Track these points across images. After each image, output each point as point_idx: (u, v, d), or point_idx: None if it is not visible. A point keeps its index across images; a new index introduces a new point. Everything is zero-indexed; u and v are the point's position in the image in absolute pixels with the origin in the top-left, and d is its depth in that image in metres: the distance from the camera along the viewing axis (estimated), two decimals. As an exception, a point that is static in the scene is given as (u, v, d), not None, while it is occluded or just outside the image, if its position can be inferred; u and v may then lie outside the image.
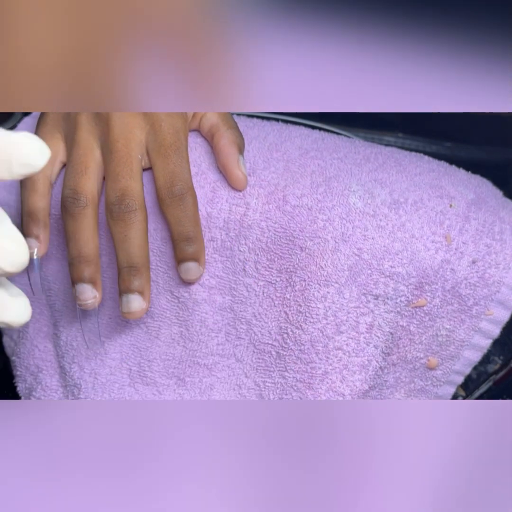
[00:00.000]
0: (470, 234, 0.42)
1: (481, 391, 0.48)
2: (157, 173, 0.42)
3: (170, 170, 0.41)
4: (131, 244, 0.41)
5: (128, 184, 0.41)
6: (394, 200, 0.42)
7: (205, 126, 0.45)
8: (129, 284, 0.41)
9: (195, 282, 0.43)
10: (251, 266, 0.43)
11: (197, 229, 0.42)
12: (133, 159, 0.41)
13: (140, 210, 0.41)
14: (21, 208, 0.43)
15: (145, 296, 0.41)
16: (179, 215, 0.41)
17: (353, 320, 0.43)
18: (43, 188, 0.43)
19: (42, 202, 0.43)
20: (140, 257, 0.41)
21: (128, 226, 0.40)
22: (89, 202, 0.41)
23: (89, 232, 0.41)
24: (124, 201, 0.40)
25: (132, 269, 0.41)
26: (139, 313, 0.41)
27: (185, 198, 0.41)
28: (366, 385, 0.43)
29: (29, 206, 0.42)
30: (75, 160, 0.42)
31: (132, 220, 0.40)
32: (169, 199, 0.41)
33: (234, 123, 0.45)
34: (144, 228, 0.41)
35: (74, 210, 0.41)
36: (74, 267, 0.41)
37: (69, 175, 0.42)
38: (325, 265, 0.42)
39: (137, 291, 0.41)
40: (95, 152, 0.42)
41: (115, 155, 0.41)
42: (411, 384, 0.45)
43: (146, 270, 0.41)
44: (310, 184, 0.43)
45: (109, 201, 0.41)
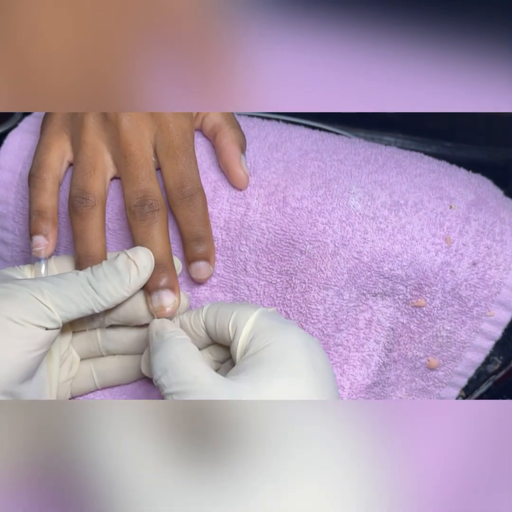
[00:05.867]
0: (470, 236, 0.42)
1: (481, 391, 0.48)
2: (167, 174, 0.42)
3: (180, 171, 0.42)
4: (156, 242, 0.41)
5: (149, 186, 0.41)
6: (394, 202, 0.42)
7: (207, 126, 0.45)
8: (159, 281, 0.40)
9: (205, 281, 0.44)
10: (252, 266, 0.43)
11: (207, 229, 0.42)
12: (149, 162, 0.42)
13: (162, 209, 0.41)
14: (29, 207, 0.43)
15: (176, 292, 0.41)
16: (189, 215, 0.42)
17: (352, 318, 0.43)
18: (52, 187, 0.43)
19: (51, 200, 0.43)
20: (165, 254, 0.41)
21: (152, 226, 0.41)
22: (97, 202, 0.41)
23: (97, 232, 0.41)
24: (147, 202, 0.41)
25: (160, 267, 0.41)
26: (173, 308, 0.41)
27: (195, 198, 0.41)
28: (369, 380, 0.43)
29: (38, 204, 0.42)
30: (83, 160, 0.42)
31: (156, 219, 0.41)
32: (179, 200, 0.41)
33: (236, 122, 0.45)
34: (166, 226, 0.41)
35: (82, 210, 0.41)
36: (81, 267, 0.41)
37: (77, 175, 0.42)
38: (325, 269, 0.42)
39: (168, 288, 0.41)
40: (104, 155, 0.43)
41: (130, 158, 0.41)
42: (412, 383, 0.45)
43: (173, 267, 0.41)
44: (310, 186, 0.43)
45: (131, 203, 0.41)
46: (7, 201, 0.47)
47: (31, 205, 0.43)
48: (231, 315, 0.38)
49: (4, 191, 0.47)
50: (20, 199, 0.47)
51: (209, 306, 0.40)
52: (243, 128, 0.45)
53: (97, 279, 0.38)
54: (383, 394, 0.45)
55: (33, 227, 0.42)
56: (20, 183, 0.47)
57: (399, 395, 0.46)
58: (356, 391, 0.43)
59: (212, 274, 0.44)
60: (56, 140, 0.43)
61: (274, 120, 0.49)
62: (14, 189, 0.47)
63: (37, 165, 0.43)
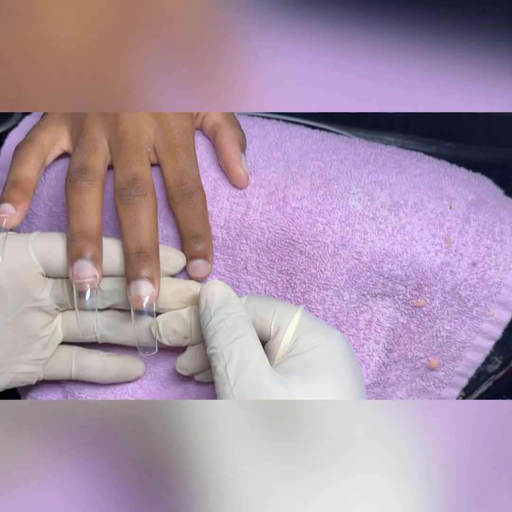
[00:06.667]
0: (470, 236, 0.42)
1: (481, 391, 0.48)
2: (167, 171, 0.42)
3: (180, 169, 0.41)
4: (141, 228, 0.40)
5: (139, 169, 0.40)
6: (394, 202, 0.42)
7: (207, 125, 0.45)
8: (139, 271, 0.39)
9: (203, 280, 0.43)
10: (252, 265, 0.43)
11: (206, 227, 0.42)
12: (143, 149, 0.41)
13: (150, 195, 0.40)
14: (7, 177, 0.41)
15: (155, 283, 0.39)
16: (189, 213, 0.41)
17: (352, 319, 0.43)
18: (36, 161, 0.42)
19: (31, 173, 0.41)
20: (150, 242, 0.40)
21: (139, 210, 0.40)
22: (97, 179, 0.41)
23: (95, 208, 0.40)
24: (135, 185, 0.40)
25: (142, 255, 0.39)
26: (150, 300, 0.39)
27: (195, 196, 0.41)
28: (368, 380, 0.43)
29: (16, 174, 0.41)
30: (84, 142, 0.42)
31: (142, 204, 0.40)
32: (179, 197, 0.41)
33: (236, 121, 0.45)
34: (154, 214, 0.40)
35: (80, 184, 0.40)
36: (75, 243, 0.39)
37: (78, 153, 0.41)
38: (325, 269, 0.42)
39: (146, 277, 0.39)
40: (102, 140, 0.42)
41: (125, 143, 0.41)
42: (412, 383, 0.45)
43: (156, 256, 0.40)
44: (310, 186, 0.43)
45: (120, 186, 0.40)
46: None
47: (8, 175, 0.41)
48: (274, 312, 0.38)
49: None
50: None
51: (248, 298, 0.40)
52: (243, 127, 0.45)
53: None
54: (384, 394, 0.45)
55: (3, 195, 0.40)
56: None
57: (400, 395, 0.46)
58: None
59: (211, 273, 0.44)
60: (53, 125, 0.43)
61: (274, 119, 0.49)
62: None
63: (26, 140, 0.42)
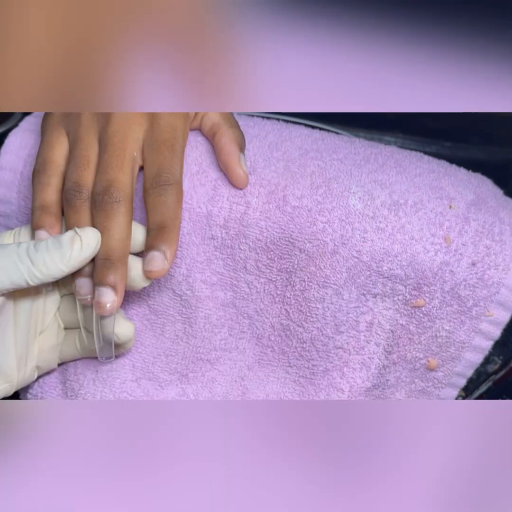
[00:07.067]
0: (469, 236, 0.42)
1: (481, 391, 0.48)
2: (146, 165, 0.41)
3: (159, 163, 0.41)
4: (110, 236, 0.39)
5: (116, 176, 0.40)
6: (394, 202, 0.42)
7: (206, 125, 0.45)
8: (102, 277, 0.39)
9: (158, 277, 0.40)
10: (252, 264, 0.43)
11: (174, 223, 0.40)
12: (126, 154, 0.41)
13: (124, 202, 0.40)
14: (32, 202, 0.42)
15: (118, 292, 0.39)
16: (157, 203, 0.40)
17: (353, 320, 0.43)
18: (57, 183, 0.42)
19: (55, 196, 0.42)
20: (117, 250, 0.39)
21: (109, 218, 0.39)
22: (91, 195, 0.41)
23: (90, 225, 0.40)
24: (108, 192, 0.39)
25: (107, 262, 0.39)
26: (110, 307, 0.39)
27: (168, 188, 0.40)
28: (369, 383, 0.43)
29: (42, 199, 0.42)
30: (78, 154, 0.42)
31: (114, 211, 0.39)
32: (152, 189, 0.40)
33: (235, 122, 0.45)
34: (126, 221, 0.40)
35: (75, 203, 0.40)
36: None
37: (72, 169, 0.42)
38: (324, 267, 0.42)
39: (109, 285, 0.39)
40: (95, 146, 0.42)
41: (109, 148, 0.41)
42: (411, 385, 0.45)
43: (122, 265, 0.40)
44: (310, 185, 0.43)
45: (95, 191, 0.40)
46: (10, 201, 0.47)
47: (34, 201, 0.42)
48: None
49: (7, 191, 0.47)
50: (22, 198, 0.47)
51: None
52: (243, 127, 0.45)
53: (36, 250, 0.37)
54: (383, 396, 0.45)
55: (36, 222, 0.42)
56: (22, 183, 0.47)
57: (399, 397, 0.46)
58: (356, 394, 0.43)
59: (210, 273, 0.44)
60: (57, 138, 0.43)
61: (274, 119, 0.49)
62: (16, 188, 0.47)
63: (41, 162, 0.43)
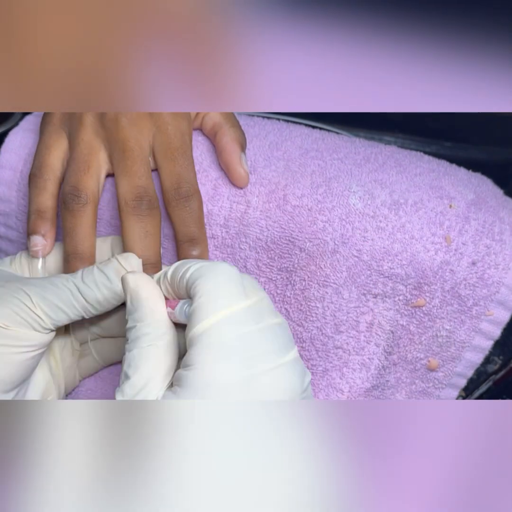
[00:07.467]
0: (469, 235, 0.42)
1: (481, 391, 0.48)
2: (164, 175, 0.42)
3: (177, 173, 0.42)
4: (149, 244, 0.41)
5: (146, 183, 0.41)
6: (394, 201, 0.42)
7: (207, 125, 0.45)
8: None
9: None
10: (252, 263, 0.43)
11: (202, 231, 0.42)
12: (146, 159, 0.42)
13: (157, 209, 0.41)
14: (28, 206, 0.43)
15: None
16: (185, 216, 0.42)
17: (353, 319, 0.43)
18: (53, 188, 0.43)
19: (51, 201, 0.43)
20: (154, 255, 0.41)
21: (148, 223, 0.41)
22: (90, 200, 0.41)
23: (87, 230, 0.41)
24: (144, 199, 0.41)
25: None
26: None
27: (191, 199, 0.42)
28: (368, 384, 0.43)
29: (38, 204, 0.43)
30: (78, 158, 0.42)
31: (151, 217, 0.41)
32: (175, 201, 0.41)
33: (236, 121, 0.45)
34: (158, 225, 0.42)
35: (73, 207, 0.41)
36: (68, 264, 0.41)
37: (71, 172, 0.42)
38: (324, 266, 0.42)
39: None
40: (100, 153, 0.42)
41: (129, 153, 0.41)
42: (412, 386, 0.45)
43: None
44: (310, 184, 0.43)
45: (127, 198, 0.41)
46: (9, 199, 0.47)
47: (30, 205, 0.43)
48: None
49: (7, 190, 0.47)
50: (22, 197, 0.47)
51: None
52: (244, 127, 0.46)
53: (87, 286, 0.38)
54: (383, 397, 0.45)
55: (32, 227, 0.42)
56: (21, 182, 0.47)
57: (399, 398, 0.46)
58: (355, 394, 0.43)
59: None
60: (55, 140, 0.43)
61: (275, 119, 0.49)
62: (16, 187, 0.47)
63: (38, 165, 0.43)
